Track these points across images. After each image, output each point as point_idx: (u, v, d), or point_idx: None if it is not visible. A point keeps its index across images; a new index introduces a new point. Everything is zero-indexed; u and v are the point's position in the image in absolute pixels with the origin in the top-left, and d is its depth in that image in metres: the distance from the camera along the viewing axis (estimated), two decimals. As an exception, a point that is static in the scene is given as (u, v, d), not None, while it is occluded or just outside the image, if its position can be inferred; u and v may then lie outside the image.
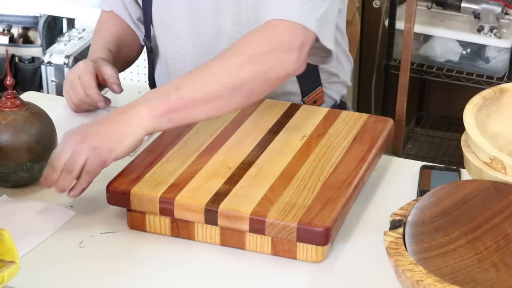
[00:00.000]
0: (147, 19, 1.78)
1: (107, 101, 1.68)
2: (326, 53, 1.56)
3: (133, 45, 1.85)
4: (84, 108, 1.69)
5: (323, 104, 1.77)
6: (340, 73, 1.79)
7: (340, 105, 1.81)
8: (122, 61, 1.83)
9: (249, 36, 1.46)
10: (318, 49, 1.53)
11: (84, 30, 2.77)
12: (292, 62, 1.44)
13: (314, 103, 1.75)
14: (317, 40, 1.49)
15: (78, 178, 1.36)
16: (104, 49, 1.76)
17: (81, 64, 1.67)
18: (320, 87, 1.75)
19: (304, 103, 1.73)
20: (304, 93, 1.74)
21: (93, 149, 1.35)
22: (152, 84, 1.88)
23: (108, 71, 1.67)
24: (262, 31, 1.46)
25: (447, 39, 2.72)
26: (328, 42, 1.52)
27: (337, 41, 1.75)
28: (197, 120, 1.44)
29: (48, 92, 2.63)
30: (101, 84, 1.68)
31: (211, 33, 1.68)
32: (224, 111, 1.44)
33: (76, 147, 1.35)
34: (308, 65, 1.51)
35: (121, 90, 1.69)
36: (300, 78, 1.72)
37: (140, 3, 1.79)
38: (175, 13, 1.70)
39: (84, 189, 1.37)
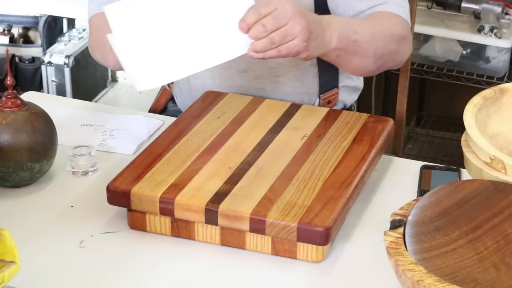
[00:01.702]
0: None
1: None
2: None
3: None
4: None
5: (334, 107, 1.77)
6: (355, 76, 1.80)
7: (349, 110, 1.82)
8: None
9: (387, 17, 1.56)
10: None
11: (84, 30, 2.77)
12: (409, 53, 1.60)
13: (329, 103, 1.75)
14: None
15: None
16: None
17: None
18: (336, 88, 1.76)
19: (320, 99, 1.74)
20: (322, 89, 1.74)
21: (305, 38, 1.34)
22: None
23: None
24: (393, 18, 1.56)
25: (447, 39, 2.71)
26: None
27: None
28: (344, 66, 1.54)
29: (48, 92, 2.64)
30: None
31: None
32: (358, 70, 1.56)
33: (294, 23, 1.32)
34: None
35: None
36: (322, 72, 1.73)
37: None
38: None
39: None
